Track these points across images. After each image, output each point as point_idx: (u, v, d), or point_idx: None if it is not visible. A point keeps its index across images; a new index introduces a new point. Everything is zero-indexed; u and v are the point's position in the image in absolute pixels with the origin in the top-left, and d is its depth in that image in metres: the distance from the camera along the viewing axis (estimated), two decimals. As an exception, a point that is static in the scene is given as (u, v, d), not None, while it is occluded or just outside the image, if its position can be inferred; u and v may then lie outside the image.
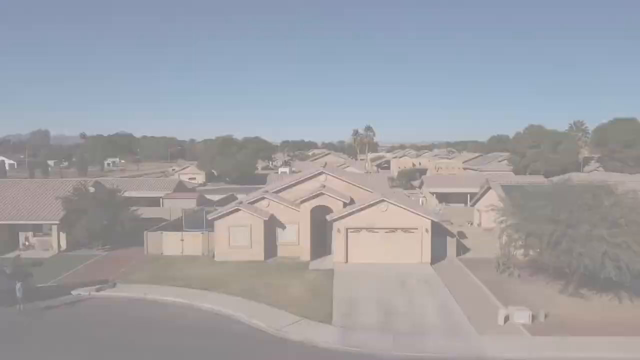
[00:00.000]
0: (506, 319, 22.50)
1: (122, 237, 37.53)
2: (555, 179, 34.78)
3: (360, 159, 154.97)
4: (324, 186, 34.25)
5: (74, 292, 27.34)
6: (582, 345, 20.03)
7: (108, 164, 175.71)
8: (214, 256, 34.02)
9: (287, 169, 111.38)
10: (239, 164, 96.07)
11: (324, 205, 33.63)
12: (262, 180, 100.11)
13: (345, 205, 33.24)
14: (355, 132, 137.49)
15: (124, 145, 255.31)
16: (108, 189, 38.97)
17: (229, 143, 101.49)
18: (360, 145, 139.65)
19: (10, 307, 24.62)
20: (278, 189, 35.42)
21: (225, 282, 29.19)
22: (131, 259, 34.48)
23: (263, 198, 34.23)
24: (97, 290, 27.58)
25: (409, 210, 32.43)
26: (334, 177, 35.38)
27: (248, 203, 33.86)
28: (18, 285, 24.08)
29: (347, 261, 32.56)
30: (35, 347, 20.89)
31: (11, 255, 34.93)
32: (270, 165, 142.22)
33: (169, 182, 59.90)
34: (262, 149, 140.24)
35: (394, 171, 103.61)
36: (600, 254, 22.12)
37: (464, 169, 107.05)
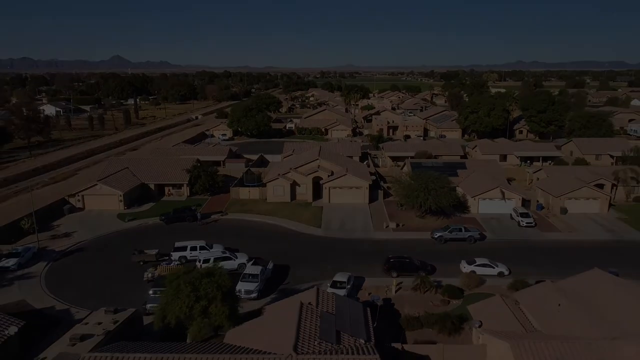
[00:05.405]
0: (386, 226, 59.44)
1: (216, 189, 73.83)
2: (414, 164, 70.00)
3: (354, 104, 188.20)
4: (319, 166, 70.42)
5: (212, 216, 64.10)
6: (408, 234, 57.28)
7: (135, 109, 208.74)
8: (266, 199, 70.51)
9: (293, 125, 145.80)
10: (258, 124, 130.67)
11: (318, 175, 69.88)
12: (275, 134, 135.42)
13: (329, 176, 69.37)
14: (347, 91, 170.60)
15: (139, 87, 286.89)
16: (207, 164, 74.66)
17: (251, 107, 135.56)
18: (349, 102, 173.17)
19: (195, 222, 61.55)
20: (296, 166, 71.26)
21: (274, 212, 65.90)
22: (225, 201, 71.00)
23: (289, 172, 70.18)
24: (221, 216, 64.39)
25: (358, 177, 68.56)
26: (324, 160, 71.30)
27: (282, 174, 69.81)
28: (198, 214, 61.03)
29: (329, 202, 69.07)
30: (210, 236, 57.61)
31: (163, 199, 71.73)
32: (274, 115, 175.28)
33: (223, 149, 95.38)
34: (272, 103, 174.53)
35: (374, 127, 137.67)
36: (420, 201, 58.87)
37: (425, 122, 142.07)
